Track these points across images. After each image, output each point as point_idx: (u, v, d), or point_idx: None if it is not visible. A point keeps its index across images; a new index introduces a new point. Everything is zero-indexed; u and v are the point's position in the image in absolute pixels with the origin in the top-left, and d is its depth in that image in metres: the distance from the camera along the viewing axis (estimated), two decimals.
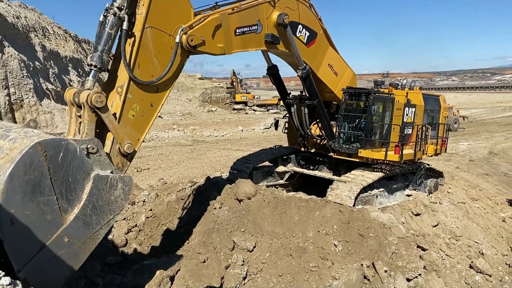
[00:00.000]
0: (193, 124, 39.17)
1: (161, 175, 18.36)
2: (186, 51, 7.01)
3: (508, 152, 26.53)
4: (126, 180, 5.30)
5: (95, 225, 4.99)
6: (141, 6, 6.32)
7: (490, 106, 65.20)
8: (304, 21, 10.11)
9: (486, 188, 17.44)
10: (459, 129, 38.32)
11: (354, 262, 8.13)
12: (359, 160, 11.80)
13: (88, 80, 6.04)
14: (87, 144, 5.30)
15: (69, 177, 4.66)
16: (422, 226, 10.67)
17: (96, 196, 4.93)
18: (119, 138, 6.16)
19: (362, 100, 11.64)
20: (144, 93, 6.54)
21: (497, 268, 10.35)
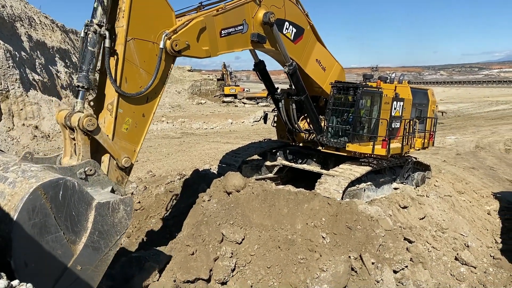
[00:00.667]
0: (182, 117, 38.98)
1: (149, 167, 18.28)
2: (171, 56, 6.89)
3: (494, 146, 26.89)
4: (127, 201, 5.42)
5: (104, 248, 5.19)
6: (121, 18, 6.18)
7: (477, 101, 65.93)
8: (290, 17, 10.01)
9: (472, 181, 17.68)
10: (438, 124, 38.70)
11: (341, 254, 8.20)
12: (347, 154, 11.85)
13: (77, 102, 5.99)
14: (84, 168, 5.55)
15: (72, 211, 4.82)
16: (409, 219, 10.79)
17: (100, 223, 5.09)
18: (115, 154, 6.25)
19: (350, 94, 11.66)
20: (134, 105, 6.49)
21: (482, 260, 10.52)
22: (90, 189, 5.58)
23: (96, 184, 5.78)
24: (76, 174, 5.55)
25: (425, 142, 14.24)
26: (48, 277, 4.65)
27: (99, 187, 5.81)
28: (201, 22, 7.41)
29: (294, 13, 10.18)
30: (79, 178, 5.56)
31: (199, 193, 9.37)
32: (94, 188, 5.78)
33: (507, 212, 14.34)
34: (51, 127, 24.55)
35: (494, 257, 10.87)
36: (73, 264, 4.88)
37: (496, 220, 13.65)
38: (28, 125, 23.73)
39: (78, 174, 5.56)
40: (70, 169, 5.53)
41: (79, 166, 5.56)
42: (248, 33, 8.76)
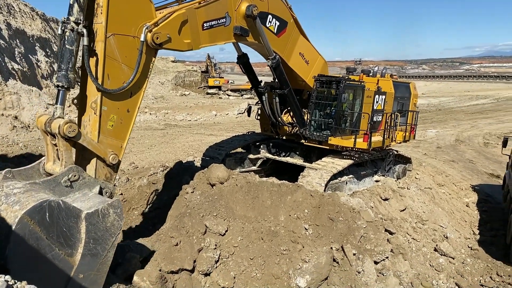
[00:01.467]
0: (166, 108, 38.65)
1: (132, 159, 18.12)
2: (153, 49, 6.80)
3: (474, 140, 27.42)
4: (115, 204, 5.51)
5: (102, 252, 5.39)
6: (99, 14, 6.06)
7: (458, 95, 66.99)
8: (273, 10, 9.95)
9: (452, 174, 18.02)
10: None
11: (324, 245, 8.30)
12: (329, 147, 11.94)
13: (56, 108, 5.92)
14: (67, 175, 5.61)
15: (62, 228, 4.94)
16: (390, 211, 10.96)
17: (93, 231, 5.23)
18: (102, 154, 6.23)
19: (333, 88, 11.71)
20: (118, 102, 6.43)
21: (460, 251, 10.77)
22: (78, 194, 5.70)
23: (83, 187, 5.84)
24: (60, 184, 5.59)
25: (406, 135, 14.43)
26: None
27: (86, 189, 5.86)
28: (182, 15, 7.31)
29: (277, 6, 10.13)
30: (65, 186, 5.62)
31: (183, 185, 9.35)
32: (82, 192, 5.83)
33: (484, 204, 14.69)
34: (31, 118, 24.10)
35: (472, 248, 11.14)
36: (75, 274, 5.07)
37: (474, 212, 13.97)
38: (7, 115, 23.24)
39: (62, 182, 5.61)
40: (54, 180, 5.57)
41: (62, 175, 5.61)
42: (231, 26, 8.68)
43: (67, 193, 5.68)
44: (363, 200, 10.22)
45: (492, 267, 10.21)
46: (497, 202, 14.92)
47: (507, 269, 10.05)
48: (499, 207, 14.40)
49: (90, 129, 6.25)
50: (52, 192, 5.49)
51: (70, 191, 5.72)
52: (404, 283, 8.85)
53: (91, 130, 6.24)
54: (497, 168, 19.62)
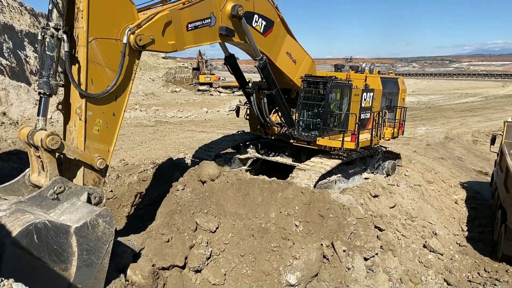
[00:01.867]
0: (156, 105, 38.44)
1: (122, 156, 18.01)
2: (136, 51, 6.71)
3: (463, 137, 27.67)
4: (104, 214, 5.55)
5: (96, 261, 5.48)
6: (80, 19, 5.96)
7: (447, 93, 67.48)
8: (259, 10, 9.88)
9: (441, 171, 18.18)
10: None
11: (314, 242, 8.34)
12: (318, 148, 11.96)
13: (38, 120, 5.88)
14: (53, 188, 5.60)
15: (53, 246, 4.99)
16: (380, 207, 11.02)
17: (85, 243, 5.30)
18: (88, 160, 6.22)
19: (320, 88, 11.69)
20: (103, 106, 6.38)
21: (449, 248, 10.88)
22: (66, 204, 5.72)
23: (71, 197, 5.85)
24: (47, 197, 5.60)
25: (394, 131, 14.47)
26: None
27: (74, 198, 5.87)
28: (166, 16, 7.23)
29: (263, 6, 10.05)
30: (52, 200, 5.63)
31: (173, 182, 9.32)
32: (70, 201, 5.83)
33: (473, 201, 14.85)
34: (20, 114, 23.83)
35: (460, 245, 11.26)
36: (73, 286, 5.17)
37: (463, 209, 14.11)
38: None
39: (49, 196, 5.62)
40: (39, 195, 5.58)
41: (47, 189, 5.61)
42: (216, 26, 8.60)
43: (55, 206, 5.70)
44: (353, 197, 10.27)
45: (480, 263, 10.34)
46: (485, 199, 15.10)
47: (495, 265, 10.18)
48: (487, 204, 14.56)
49: (76, 134, 6.22)
50: (39, 207, 5.51)
51: (58, 203, 5.74)
52: (394, 279, 8.92)
53: (77, 136, 6.21)
54: (485, 166, 19.83)
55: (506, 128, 14.03)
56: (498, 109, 44.93)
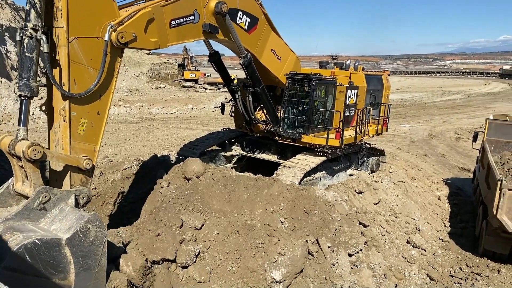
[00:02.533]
0: (141, 101, 38.12)
1: (106, 153, 17.82)
2: (118, 48, 6.61)
3: (446, 134, 28.04)
4: (92, 219, 5.54)
5: (94, 263, 5.57)
6: (60, 18, 5.84)
7: (431, 90, 68.31)
8: (243, 7, 9.81)
9: (424, 168, 18.40)
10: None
11: (299, 238, 8.36)
12: (302, 145, 11.99)
13: (19, 129, 5.75)
14: (38, 199, 5.57)
15: (47, 260, 5.08)
16: (364, 204, 11.11)
17: (79, 250, 5.38)
18: (74, 163, 6.16)
19: (305, 85, 11.70)
20: (87, 105, 6.30)
21: (432, 243, 11.03)
22: (55, 211, 5.72)
23: (58, 202, 5.83)
24: (33, 210, 5.58)
25: (378, 128, 14.59)
26: None
27: (62, 203, 5.86)
28: (148, 13, 7.13)
29: (248, 3, 9.98)
30: (39, 210, 5.62)
31: (158, 179, 9.25)
32: (59, 207, 5.81)
33: (455, 197, 15.06)
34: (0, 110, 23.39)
35: (443, 240, 11.42)
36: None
37: (446, 205, 14.31)
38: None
39: (35, 207, 5.59)
40: (26, 208, 5.55)
41: (33, 200, 5.58)
42: (200, 23, 8.51)
43: (43, 215, 5.69)
44: (338, 194, 10.33)
45: (461, 258, 10.51)
46: (467, 195, 15.33)
47: (476, 260, 10.36)
48: (469, 200, 14.79)
49: (61, 135, 6.15)
50: (28, 219, 5.53)
51: (46, 212, 5.72)
52: (378, 275, 9.01)
53: (62, 137, 6.14)
54: (467, 162, 20.13)
55: (487, 125, 14.24)
56: (480, 106, 45.65)
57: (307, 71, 12.88)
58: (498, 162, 11.76)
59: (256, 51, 10.58)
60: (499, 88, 73.77)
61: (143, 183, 10.59)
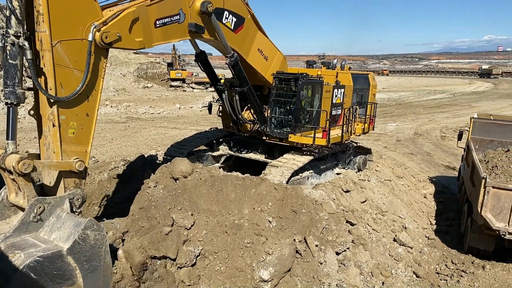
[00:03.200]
0: (127, 101, 37.85)
1: (92, 153, 17.57)
2: (103, 49, 6.52)
3: (431, 133, 28.35)
4: (89, 225, 5.59)
5: (99, 263, 5.76)
6: (42, 23, 5.71)
7: (417, 90, 69.03)
8: (229, 6, 9.79)
9: (410, 166, 18.59)
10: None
11: (287, 237, 8.39)
12: (290, 144, 12.03)
13: (8, 143, 5.70)
14: (33, 211, 5.63)
15: (52, 272, 5.26)
16: (351, 202, 11.19)
17: (82, 255, 5.54)
18: (66, 167, 6.14)
19: (291, 85, 11.73)
20: (76, 108, 6.24)
21: (418, 241, 11.15)
22: (52, 219, 5.79)
23: (54, 210, 5.87)
24: (30, 223, 5.64)
25: (365, 127, 14.68)
26: None
27: (57, 209, 5.90)
28: (133, 13, 7.06)
29: (234, 2, 9.95)
30: (35, 222, 5.68)
31: (145, 179, 9.19)
32: (55, 214, 5.86)
33: (441, 195, 15.26)
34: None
35: (429, 238, 11.56)
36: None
37: (432, 203, 14.49)
38: None
39: (31, 219, 5.64)
40: (23, 223, 5.59)
41: (28, 214, 5.61)
42: (185, 23, 8.46)
43: (41, 225, 5.77)
44: (325, 192, 10.38)
45: (447, 256, 10.64)
46: (452, 193, 15.53)
47: (461, 257, 10.50)
48: (454, 198, 14.99)
49: (51, 139, 6.12)
50: (27, 232, 5.62)
51: (43, 222, 5.79)
52: (365, 273, 9.08)
53: (52, 141, 6.11)
54: (453, 161, 20.39)
55: (472, 124, 14.44)
56: (465, 105, 46.28)
57: (294, 70, 12.91)
58: (482, 160, 11.93)
59: (242, 51, 10.57)
60: (483, 88, 74.88)
61: (130, 184, 10.53)
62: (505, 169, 10.81)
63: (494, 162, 11.37)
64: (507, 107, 44.05)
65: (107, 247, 5.84)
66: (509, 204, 9.47)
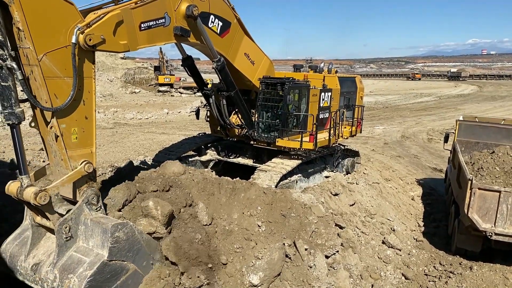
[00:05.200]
0: (115, 106, 37.58)
1: None
2: (88, 51, 6.46)
3: (418, 136, 28.62)
4: (114, 229, 6.07)
5: (139, 245, 6.50)
6: (24, 39, 5.68)
7: (403, 93, 69.64)
8: (215, 11, 9.79)
9: (398, 169, 18.72)
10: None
11: (276, 241, 8.38)
12: (277, 148, 12.05)
13: (22, 178, 6.03)
14: (62, 233, 6.13)
15: (106, 276, 6.02)
16: (340, 205, 11.23)
17: (122, 251, 6.19)
18: (78, 175, 6.41)
19: (278, 89, 11.75)
20: (73, 114, 6.34)
21: (406, 243, 11.23)
22: (81, 228, 6.32)
23: (78, 219, 6.30)
24: (65, 242, 6.17)
25: (352, 130, 14.76)
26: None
27: (81, 217, 6.33)
28: (117, 16, 7.02)
29: (219, 6, 9.97)
30: (69, 239, 6.22)
31: None
32: (81, 223, 6.33)
33: (428, 197, 15.40)
34: None
35: (417, 240, 11.65)
36: (142, 271, 6.52)
37: (419, 205, 14.61)
38: None
39: (65, 239, 6.16)
40: (60, 246, 6.13)
41: (60, 236, 6.10)
42: (171, 26, 8.43)
43: (75, 241, 6.30)
44: (314, 196, 10.41)
45: (435, 257, 10.74)
46: (440, 195, 15.68)
47: (449, 258, 10.61)
48: (441, 199, 15.14)
49: (56, 148, 6.30)
50: (68, 249, 6.21)
51: (76, 233, 6.30)
52: (354, 275, 9.12)
53: (58, 149, 6.30)
54: (440, 163, 20.60)
55: (458, 126, 14.62)
56: (451, 108, 46.81)
57: (280, 74, 12.95)
58: (468, 162, 12.08)
59: (229, 55, 10.58)
60: (468, 90, 75.90)
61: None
62: (491, 171, 10.96)
63: (480, 163, 11.52)
64: (492, 109, 44.70)
65: (137, 230, 6.45)
66: (495, 205, 9.60)
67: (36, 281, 6.31)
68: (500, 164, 11.14)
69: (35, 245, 6.70)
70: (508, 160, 11.21)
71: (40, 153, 18.19)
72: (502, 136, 13.94)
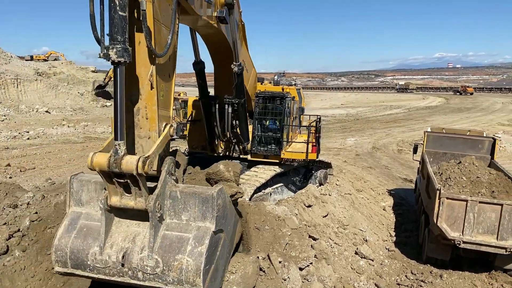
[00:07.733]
0: (85, 120, 36.91)
1: (48, 174, 17.03)
2: (178, 5, 6.06)
3: (389, 147, 29.21)
4: (217, 196, 5.59)
5: (232, 210, 6.63)
6: None
7: (374, 105, 71.11)
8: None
9: (369, 180, 19.02)
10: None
11: (250, 255, 8.33)
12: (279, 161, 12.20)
13: (119, 144, 5.17)
14: (156, 212, 5.40)
15: (212, 248, 5.67)
16: (314, 217, 11.29)
17: (220, 220, 5.79)
18: (166, 140, 5.90)
19: (277, 103, 11.82)
20: (164, 68, 5.90)
21: (378, 253, 11.37)
22: (167, 202, 5.65)
23: (165, 193, 5.63)
24: (161, 217, 5.54)
25: None
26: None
27: (166, 190, 5.66)
28: None
29: (237, 5, 9.46)
30: (162, 216, 5.59)
31: None
32: (167, 198, 5.67)
33: (399, 207, 15.68)
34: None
35: (389, 250, 11.82)
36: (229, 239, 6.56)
37: (391, 215, 14.85)
38: None
39: (159, 215, 5.48)
40: (154, 226, 5.44)
41: (153, 216, 5.37)
42: (214, 9, 7.93)
43: (170, 216, 5.70)
44: (288, 208, 10.43)
45: (407, 266, 10.91)
46: (410, 205, 15.99)
47: (420, 267, 10.80)
48: (412, 209, 15.43)
49: (145, 104, 5.71)
50: (160, 230, 5.54)
51: (168, 212, 5.69)
52: (328, 287, 9.14)
53: (147, 105, 5.71)
54: (410, 173, 21.03)
55: (426, 137, 15.01)
56: (419, 119, 48.01)
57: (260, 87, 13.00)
58: (436, 172, 12.40)
59: None
60: (436, 102, 78.11)
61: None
62: (458, 180, 11.28)
63: (448, 174, 11.85)
64: (459, 120, 46.13)
65: (228, 198, 6.25)
66: (462, 214, 9.86)
67: (124, 273, 5.46)
68: (467, 174, 11.49)
69: (108, 233, 5.65)
70: (473, 170, 11.57)
71: (6, 169, 17.65)
72: (468, 147, 14.40)
